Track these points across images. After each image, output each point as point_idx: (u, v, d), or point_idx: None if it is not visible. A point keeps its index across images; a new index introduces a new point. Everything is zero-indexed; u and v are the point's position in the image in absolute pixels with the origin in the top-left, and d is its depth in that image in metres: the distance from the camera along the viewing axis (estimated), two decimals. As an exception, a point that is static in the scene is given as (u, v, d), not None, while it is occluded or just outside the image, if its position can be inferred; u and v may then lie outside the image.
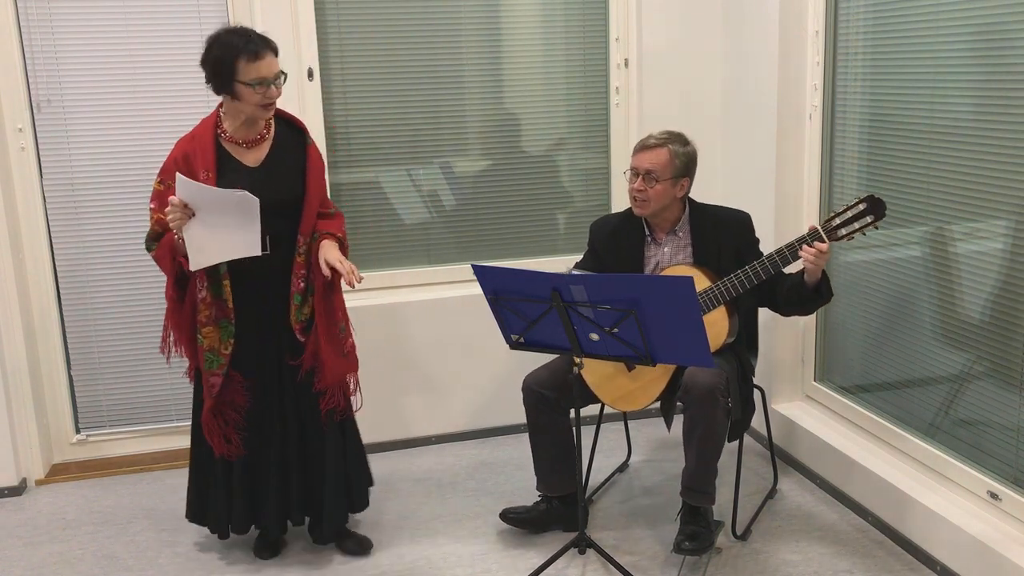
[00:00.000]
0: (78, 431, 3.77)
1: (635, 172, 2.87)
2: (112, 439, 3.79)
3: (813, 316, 3.50)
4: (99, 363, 3.72)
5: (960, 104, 2.73)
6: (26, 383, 3.54)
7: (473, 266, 2.56)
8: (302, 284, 2.74)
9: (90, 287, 3.65)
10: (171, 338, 2.82)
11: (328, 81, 3.66)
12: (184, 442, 3.80)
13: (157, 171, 3.55)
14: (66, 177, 3.56)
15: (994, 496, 2.68)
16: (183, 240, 2.60)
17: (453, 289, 3.84)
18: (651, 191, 2.84)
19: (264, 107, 2.65)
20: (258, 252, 2.62)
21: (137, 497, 3.48)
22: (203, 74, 2.66)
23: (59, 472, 3.67)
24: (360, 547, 3.01)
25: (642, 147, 2.89)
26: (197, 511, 2.97)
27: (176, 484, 3.57)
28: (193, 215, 2.58)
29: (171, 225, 2.58)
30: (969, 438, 2.82)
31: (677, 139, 2.89)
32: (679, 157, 2.85)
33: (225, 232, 2.58)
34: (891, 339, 3.13)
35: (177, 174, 2.57)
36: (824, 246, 2.61)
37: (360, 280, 2.67)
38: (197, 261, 2.63)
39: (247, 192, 2.55)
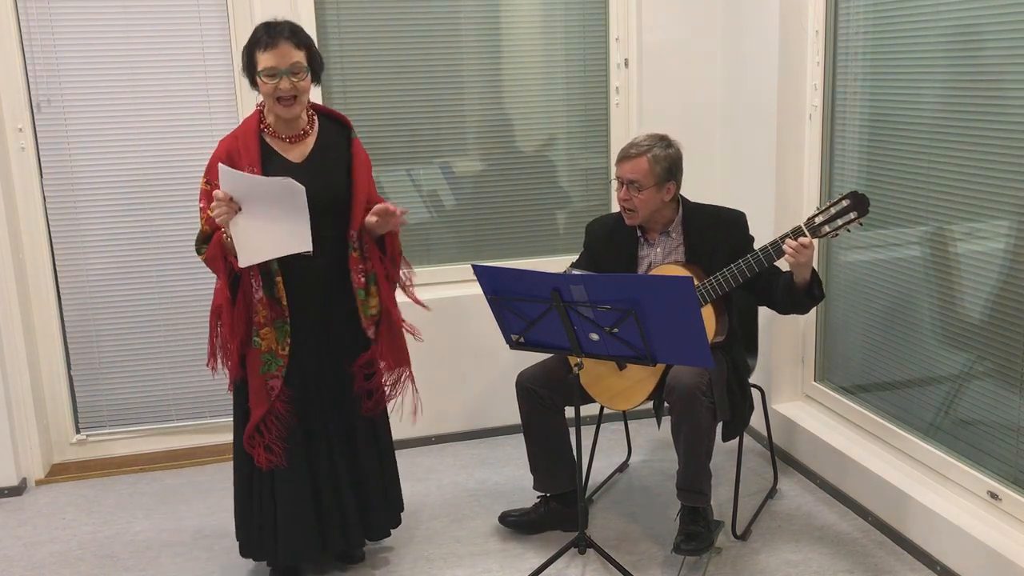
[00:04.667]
0: (78, 431, 3.77)
1: (620, 181, 2.87)
2: (112, 439, 3.79)
3: (813, 316, 3.50)
4: (99, 363, 3.72)
5: (960, 104, 2.73)
6: (26, 383, 3.54)
7: (473, 266, 2.56)
8: (363, 279, 2.66)
9: (90, 287, 3.65)
10: (219, 349, 2.69)
11: (328, 81, 3.66)
12: (184, 442, 3.84)
13: (157, 171, 3.61)
14: (66, 177, 3.56)
15: (994, 496, 2.68)
16: (231, 237, 2.51)
17: (453, 289, 3.84)
18: (636, 199, 2.84)
19: (279, 101, 2.56)
20: (309, 247, 2.51)
21: (137, 497, 3.48)
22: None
23: (59, 472, 3.67)
24: (351, 557, 2.95)
25: (623, 157, 2.86)
26: (248, 544, 2.81)
27: (176, 484, 3.58)
28: (239, 210, 2.48)
29: (218, 221, 2.48)
30: (969, 438, 2.82)
31: (658, 143, 2.85)
32: (660, 163, 2.82)
33: (273, 225, 2.48)
34: (891, 339, 3.13)
35: (220, 164, 2.48)
36: (806, 240, 2.59)
37: (403, 211, 2.64)
38: (247, 258, 2.52)
39: (291, 179, 2.44)
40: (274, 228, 2.49)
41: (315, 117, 2.71)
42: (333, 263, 2.65)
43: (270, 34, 2.54)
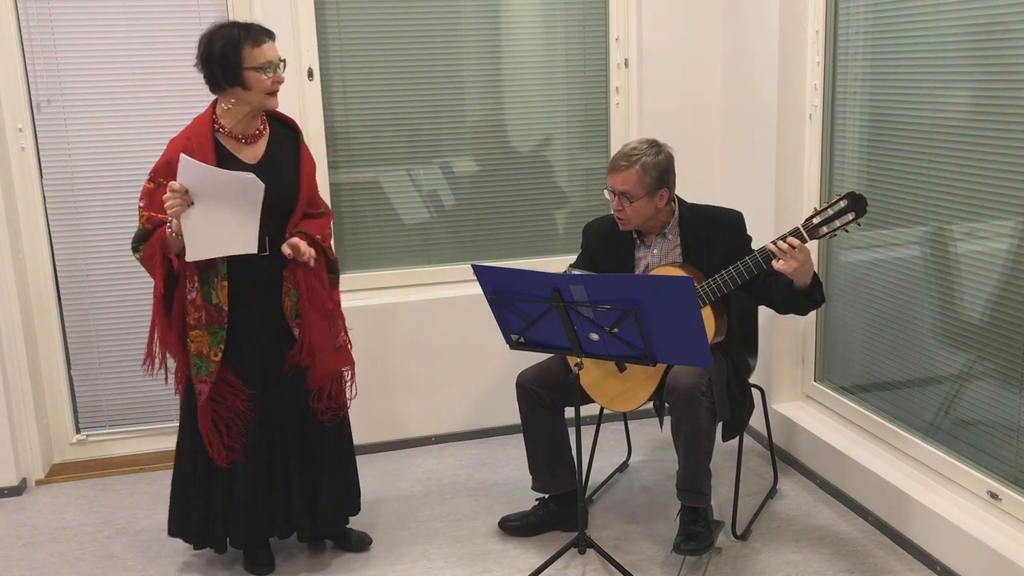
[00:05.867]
0: (78, 431, 3.77)
1: (611, 191, 2.86)
2: (112, 439, 3.79)
3: (813, 316, 3.50)
4: (99, 363, 3.72)
5: (960, 104, 2.73)
6: (26, 383, 3.55)
7: (473, 266, 2.56)
8: (294, 278, 2.72)
9: (90, 287, 3.65)
10: (156, 350, 2.75)
11: (328, 81, 3.66)
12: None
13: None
14: (66, 177, 3.56)
15: (994, 496, 2.69)
16: (176, 234, 2.52)
17: (453, 289, 3.84)
18: (629, 209, 2.83)
19: (272, 94, 2.62)
20: (254, 250, 2.56)
21: (137, 497, 3.48)
22: (203, 73, 2.62)
23: (59, 472, 3.67)
24: (361, 543, 3.01)
25: (612, 168, 2.85)
26: (184, 527, 2.88)
27: (176, 484, 3.58)
28: (191, 204, 2.51)
29: (169, 212, 2.50)
30: (969, 438, 2.82)
31: (648, 151, 2.82)
32: (650, 172, 2.80)
33: (224, 224, 2.51)
34: (891, 339, 3.13)
35: (182, 155, 2.49)
36: (796, 242, 2.58)
37: (310, 257, 2.66)
38: (194, 252, 2.55)
39: (253, 175, 2.48)
40: (223, 226, 2.52)
41: (265, 119, 2.75)
42: (279, 265, 2.70)
43: (255, 31, 2.59)
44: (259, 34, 2.60)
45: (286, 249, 2.64)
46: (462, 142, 3.87)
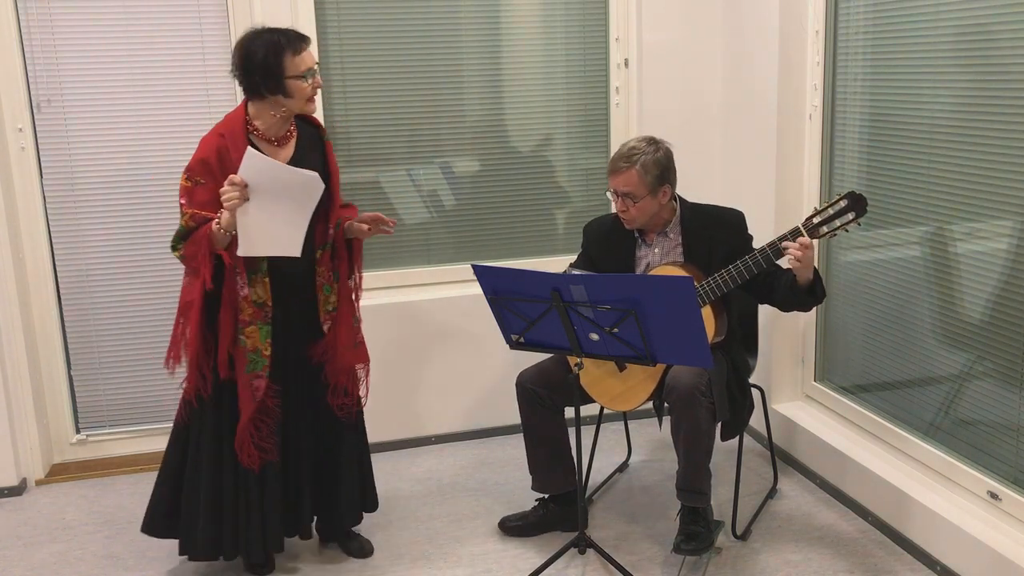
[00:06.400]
0: (78, 431, 3.77)
1: (614, 192, 2.86)
2: (112, 439, 3.79)
3: (813, 316, 3.51)
4: (99, 363, 3.72)
5: (960, 104, 2.73)
6: (26, 383, 3.54)
7: (473, 266, 2.56)
8: (330, 274, 2.76)
9: (90, 287, 3.65)
10: (184, 345, 2.70)
11: (328, 81, 3.66)
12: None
13: (157, 171, 3.60)
14: (66, 177, 3.56)
15: (994, 496, 2.69)
16: (225, 230, 2.49)
17: (453, 289, 3.84)
18: (633, 209, 2.83)
19: (311, 99, 2.63)
20: (298, 253, 2.55)
21: (137, 497, 3.48)
22: (241, 82, 2.59)
23: (59, 472, 3.67)
24: (362, 550, 3.00)
25: (612, 170, 2.84)
26: (217, 545, 2.79)
27: (176, 484, 3.58)
28: (247, 199, 2.48)
29: (225, 206, 2.46)
30: (969, 438, 2.82)
31: (646, 149, 2.81)
32: (650, 171, 2.80)
33: (275, 222, 2.50)
34: (891, 339, 3.13)
35: (248, 148, 2.49)
36: (806, 241, 2.59)
37: (394, 222, 2.87)
38: (246, 248, 2.53)
39: (317, 175, 2.49)
40: (275, 224, 2.52)
41: (293, 120, 2.75)
42: (306, 264, 2.71)
43: (295, 39, 2.58)
44: (298, 41, 2.58)
45: (362, 226, 2.78)
46: (462, 142, 3.87)
